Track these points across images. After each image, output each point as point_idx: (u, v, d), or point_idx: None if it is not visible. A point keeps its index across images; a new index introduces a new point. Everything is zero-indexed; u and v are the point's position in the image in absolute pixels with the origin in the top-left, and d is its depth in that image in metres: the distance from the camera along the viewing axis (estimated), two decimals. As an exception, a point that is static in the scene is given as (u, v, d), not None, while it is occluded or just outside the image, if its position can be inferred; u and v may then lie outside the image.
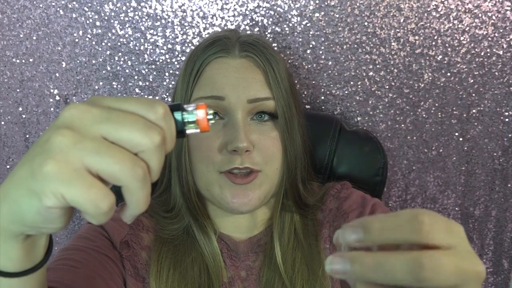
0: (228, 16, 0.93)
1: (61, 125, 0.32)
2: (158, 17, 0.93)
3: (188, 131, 0.37)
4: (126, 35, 0.94)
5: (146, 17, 0.93)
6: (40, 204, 0.31)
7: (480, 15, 0.95)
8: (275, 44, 0.95)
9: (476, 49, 0.96)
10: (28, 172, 0.32)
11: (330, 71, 0.96)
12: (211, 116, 0.37)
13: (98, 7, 0.92)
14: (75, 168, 0.31)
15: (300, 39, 0.95)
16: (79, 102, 0.33)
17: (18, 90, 0.95)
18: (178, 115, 0.36)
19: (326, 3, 0.93)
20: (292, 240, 0.72)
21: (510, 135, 1.00)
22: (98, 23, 0.93)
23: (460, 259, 0.32)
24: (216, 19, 0.93)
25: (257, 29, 0.94)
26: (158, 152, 0.33)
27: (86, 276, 0.62)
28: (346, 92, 0.97)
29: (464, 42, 0.96)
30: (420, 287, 0.30)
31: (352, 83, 0.97)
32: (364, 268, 0.31)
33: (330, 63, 0.96)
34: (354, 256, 0.32)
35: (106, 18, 0.93)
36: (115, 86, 0.95)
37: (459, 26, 0.95)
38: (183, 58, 0.95)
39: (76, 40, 0.93)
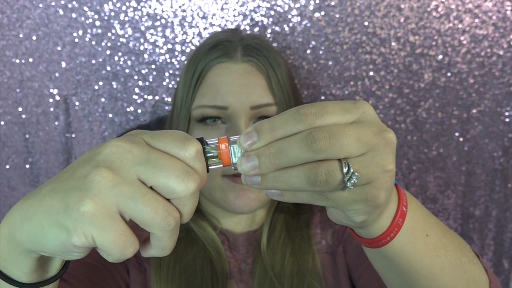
0: (228, 16, 0.93)
1: (101, 163, 0.32)
2: (158, 17, 0.93)
3: (211, 167, 0.36)
4: (126, 35, 0.94)
5: (146, 17, 0.93)
6: (67, 240, 0.32)
7: (480, 15, 0.94)
8: (275, 44, 0.95)
9: (476, 49, 0.96)
10: (62, 205, 0.31)
11: (330, 71, 0.96)
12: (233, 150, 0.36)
13: (98, 7, 0.92)
14: (110, 213, 0.31)
15: (300, 39, 0.95)
16: (121, 139, 0.33)
17: (18, 90, 0.95)
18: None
19: (326, 3, 0.93)
20: (284, 235, 0.73)
21: (510, 135, 1.00)
22: (97, 23, 0.93)
23: (360, 128, 0.34)
24: (216, 19, 0.93)
25: (257, 29, 0.94)
26: (192, 199, 0.33)
27: (89, 264, 0.62)
28: (346, 92, 0.97)
29: (464, 42, 0.95)
30: (325, 158, 0.33)
31: (352, 83, 0.97)
32: (269, 158, 0.33)
33: (330, 63, 0.96)
34: (258, 151, 0.33)
35: (105, 18, 0.93)
36: (115, 86, 0.95)
37: (459, 26, 0.95)
38: (183, 58, 0.95)
39: (76, 40, 0.93)
